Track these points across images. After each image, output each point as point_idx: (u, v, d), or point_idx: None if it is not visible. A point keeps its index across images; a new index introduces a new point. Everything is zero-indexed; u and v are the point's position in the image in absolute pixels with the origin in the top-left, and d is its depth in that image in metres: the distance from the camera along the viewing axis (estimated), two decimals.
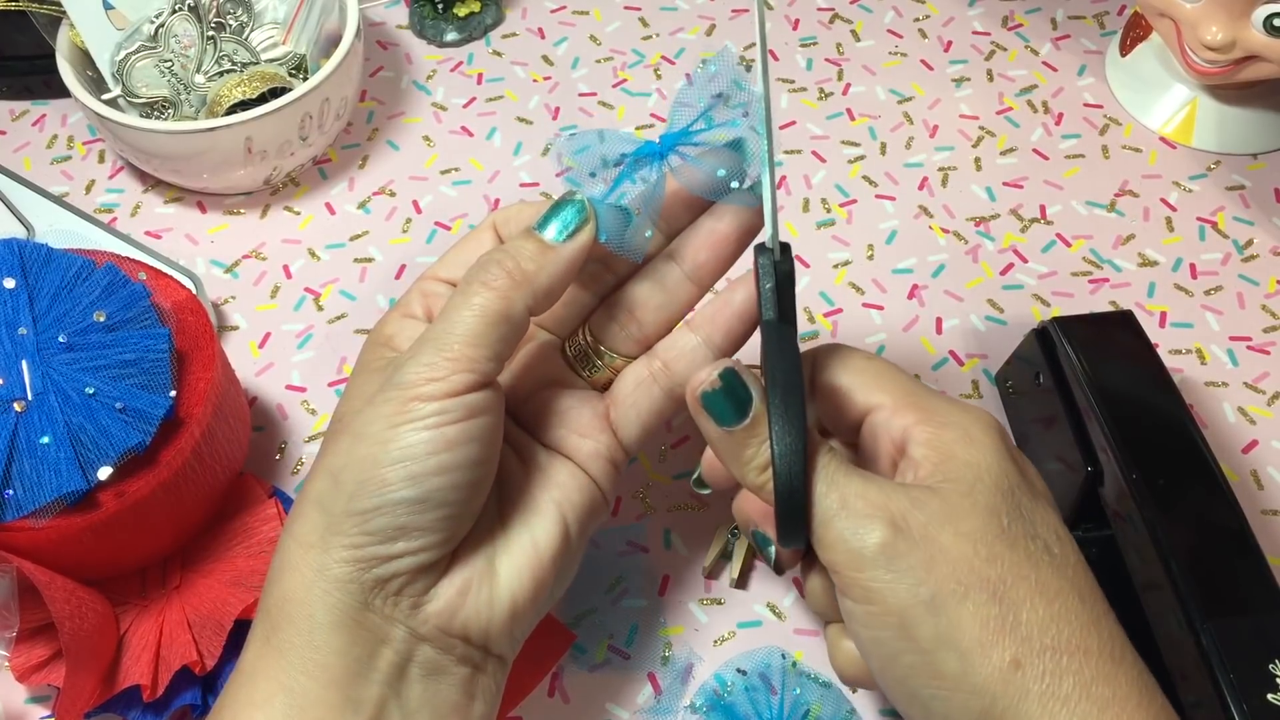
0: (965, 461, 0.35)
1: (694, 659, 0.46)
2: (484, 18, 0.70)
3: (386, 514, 0.34)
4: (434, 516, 0.35)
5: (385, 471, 0.34)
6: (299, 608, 0.35)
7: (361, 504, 0.34)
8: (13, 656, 0.45)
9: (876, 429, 0.37)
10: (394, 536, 0.35)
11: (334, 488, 0.35)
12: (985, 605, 0.33)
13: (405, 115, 0.66)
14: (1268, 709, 0.38)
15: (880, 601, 0.33)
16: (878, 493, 0.34)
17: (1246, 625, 0.40)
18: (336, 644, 0.34)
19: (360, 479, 0.34)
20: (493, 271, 0.36)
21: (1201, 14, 0.55)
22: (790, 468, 0.34)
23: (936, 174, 0.63)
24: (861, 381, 0.38)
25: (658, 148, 0.38)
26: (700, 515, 0.51)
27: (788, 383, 0.34)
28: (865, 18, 0.71)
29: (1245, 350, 0.56)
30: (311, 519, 0.35)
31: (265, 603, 0.36)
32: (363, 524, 0.34)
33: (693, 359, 0.40)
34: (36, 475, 0.42)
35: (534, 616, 0.39)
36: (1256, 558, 0.42)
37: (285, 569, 0.35)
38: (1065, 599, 0.33)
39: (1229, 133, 0.63)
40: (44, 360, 0.43)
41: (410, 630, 0.35)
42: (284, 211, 0.62)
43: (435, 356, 0.35)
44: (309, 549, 0.35)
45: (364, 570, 0.35)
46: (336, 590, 0.34)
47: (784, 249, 0.37)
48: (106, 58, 0.59)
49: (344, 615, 0.34)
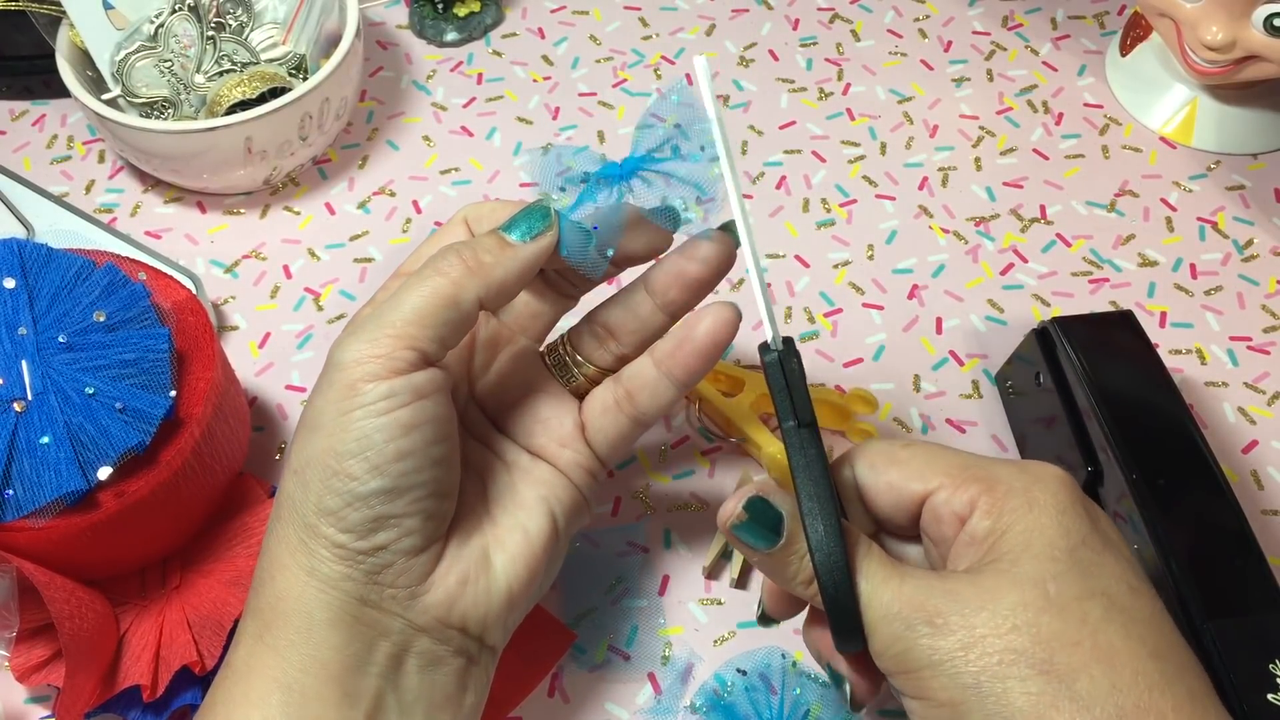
0: (1019, 531, 0.34)
1: (694, 659, 0.46)
2: (484, 18, 0.70)
3: (358, 508, 0.34)
4: (408, 500, 0.35)
5: (348, 465, 0.34)
6: (295, 605, 0.35)
7: (331, 502, 0.34)
8: (12, 656, 0.45)
9: (938, 510, 0.36)
10: (373, 529, 0.34)
11: (301, 488, 0.35)
12: (1030, 680, 0.31)
13: (405, 115, 0.66)
14: (1268, 709, 0.38)
15: (932, 695, 0.33)
16: (914, 590, 0.34)
17: (1246, 625, 0.40)
18: (335, 640, 0.34)
19: (323, 476, 0.34)
20: (450, 260, 0.36)
21: (1201, 14, 0.55)
22: (835, 578, 0.34)
23: (936, 174, 0.63)
24: (909, 471, 0.37)
25: (619, 170, 0.38)
26: (700, 515, 0.51)
27: (817, 490, 0.34)
28: (865, 18, 0.71)
29: (1245, 350, 0.56)
30: (288, 521, 0.35)
31: (255, 602, 0.36)
32: (338, 522, 0.34)
33: (655, 391, 0.40)
34: (36, 475, 0.41)
35: (526, 606, 0.39)
36: (1256, 558, 0.42)
37: (275, 569, 0.35)
38: (1132, 659, 0.32)
39: (1229, 133, 0.63)
40: (44, 360, 0.43)
41: (408, 622, 0.35)
42: (284, 211, 0.62)
43: (377, 333, 0.35)
44: (294, 551, 0.35)
45: (353, 566, 0.34)
46: (330, 589, 0.34)
47: (787, 344, 0.36)
48: (106, 58, 0.59)
49: (341, 612, 0.34)
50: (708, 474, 0.52)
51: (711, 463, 0.52)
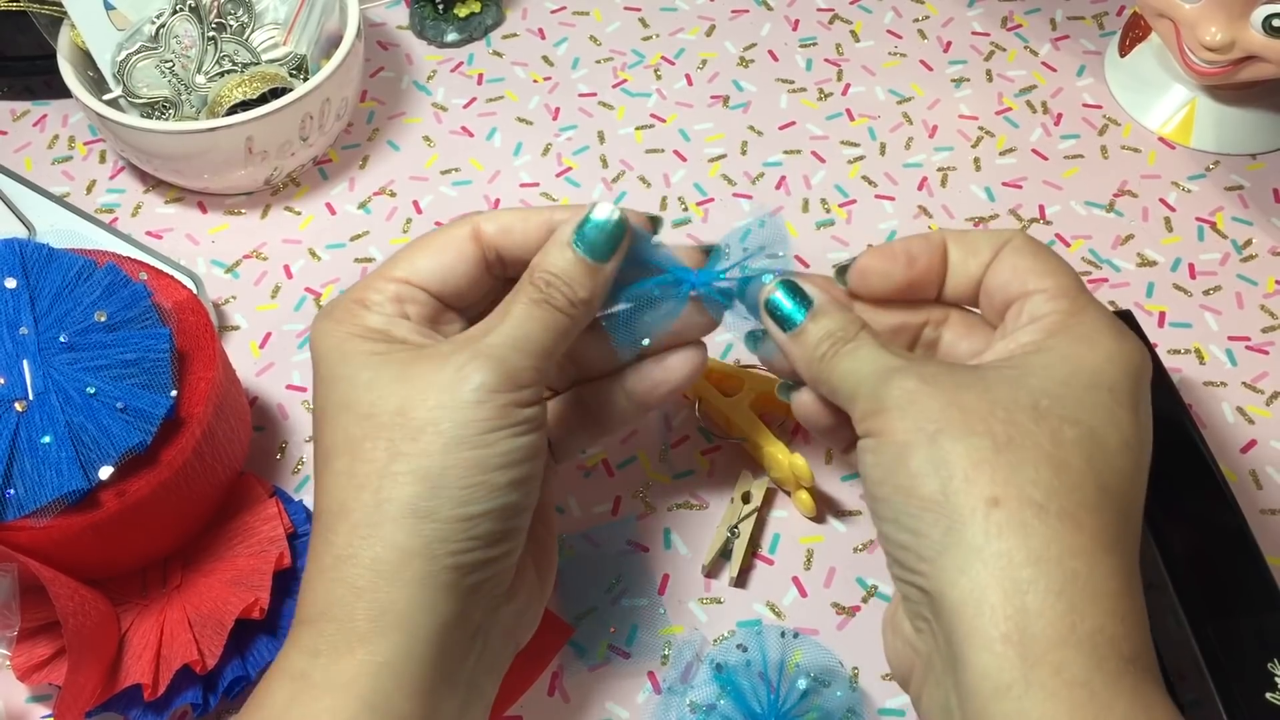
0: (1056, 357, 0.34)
1: (694, 658, 0.46)
2: (484, 18, 0.70)
3: (493, 518, 0.35)
4: (525, 518, 0.36)
5: (493, 476, 0.35)
6: (401, 619, 0.34)
7: (471, 509, 0.34)
8: (14, 655, 0.45)
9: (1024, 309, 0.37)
10: (498, 539, 0.35)
11: (433, 493, 0.34)
12: (983, 449, 0.32)
13: (405, 115, 0.66)
14: (1267, 709, 0.38)
15: (889, 434, 0.34)
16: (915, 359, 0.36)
17: (1246, 625, 0.40)
18: (431, 657, 0.34)
19: (467, 484, 0.34)
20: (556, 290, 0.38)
21: (1200, 14, 0.55)
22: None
23: (936, 174, 0.63)
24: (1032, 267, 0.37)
25: (692, 278, 0.41)
26: (700, 515, 0.51)
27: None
28: (865, 18, 0.71)
29: (1244, 350, 0.56)
30: (409, 527, 0.34)
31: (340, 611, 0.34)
32: (471, 529, 0.34)
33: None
34: (38, 475, 0.42)
35: None
36: (1256, 558, 0.42)
37: (381, 579, 0.34)
38: (1080, 480, 0.32)
39: (1228, 133, 0.63)
40: (45, 360, 0.43)
41: (485, 635, 0.36)
42: (284, 212, 0.62)
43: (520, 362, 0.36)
44: (411, 559, 0.34)
45: (465, 575, 0.35)
46: (443, 599, 0.34)
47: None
48: (107, 58, 0.59)
49: (445, 625, 0.34)
50: (708, 474, 0.52)
51: (711, 463, 0.52)
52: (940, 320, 0.40)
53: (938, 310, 0.40)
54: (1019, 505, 0.31)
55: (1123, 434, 0.33)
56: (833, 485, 0.52)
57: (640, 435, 0.53)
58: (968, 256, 0.38)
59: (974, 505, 0.32)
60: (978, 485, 0.32)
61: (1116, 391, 0.34)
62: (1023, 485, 0.32)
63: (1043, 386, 0.34)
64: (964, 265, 0.38)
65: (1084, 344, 0.35)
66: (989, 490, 0.32)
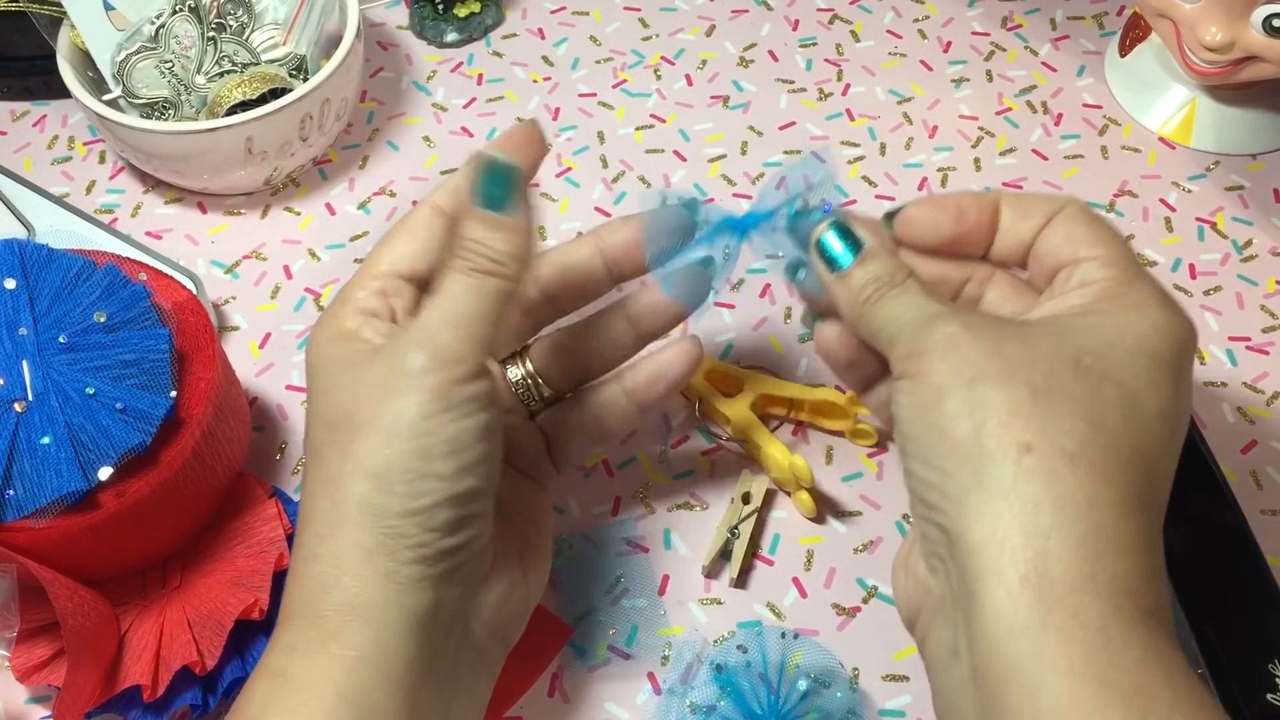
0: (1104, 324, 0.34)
1: (694, 659, 0.46)
2: (484, 18, 0.70)
3: (446, 508, 0.34)
4: (486, 500, 0.36)
5: (439, 465, 0.34)
6: (371, 613, 0.34)
7: (420, 502, 0.34)
8: (13, 656, 0.45)
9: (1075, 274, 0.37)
10: (458, 526, 0.35)
11: (381, 489, 0.34)
12: (1021, 398, 0.32)
13: (405, 116, 0.66)
14: (1268, 709, 0.38)
15: (926, 377, 0.34)
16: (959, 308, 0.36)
17: (1246, 625, 0.40)
18: (407, 649, 0.34)
19: (411, 477, 0.34)
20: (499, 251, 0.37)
21: (1200, 14, 0.55)
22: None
23: (936, 174, 0.63)
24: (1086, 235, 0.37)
25: (741, 221, 0.41)
26: (700, 515, 0.51)
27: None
28: (865, 18, 0.71)
29: (1244, 350, 0.56)
30: (365, 526, 0.34)
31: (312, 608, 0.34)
32: (425, 521, 0.34)
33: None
34: (37, 475, 0.42)
35: None
36: (1256, 558, 0.42)
37: (345, 575, 0.34)
38: (1115, 438, 0.32)
39: (1228, 133, 0.63)
40: (44, 360, 0.43)
41: (464, 624, 0.36)
42: (284, 212, 0.62)
43: (451, 338, 0.35)
44: (372, 555, 0.34)
45: (431, 565, 0.35)
46: (409, 593, 0.34)
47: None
48: (107, 58, 0.59)
49: (417, 617, 0.34)
50: (708, 474, 0.52)
51: (711, 463, 0.52)
52: (984, 279, 0.40)
53: (983, 268, 0.40)
54: (1051, 453, 0.31)
55: (1162, 401, 0.33)
56: (833, 485, 0.52)
57: (640, 436, 0.53)
58: (1020, 219, 0.38)
59: (1006, 449, 0.32)
60: (1011, 431, 0.32)
61: (1160, 360, 0.34)
62: (1056, 435, 0.32)
63: (1087, 345, 0.34)
64: (1015, 227, 0.38)
65: (1134, 311, 0.35)
66: (1022, 436, 0.32)
